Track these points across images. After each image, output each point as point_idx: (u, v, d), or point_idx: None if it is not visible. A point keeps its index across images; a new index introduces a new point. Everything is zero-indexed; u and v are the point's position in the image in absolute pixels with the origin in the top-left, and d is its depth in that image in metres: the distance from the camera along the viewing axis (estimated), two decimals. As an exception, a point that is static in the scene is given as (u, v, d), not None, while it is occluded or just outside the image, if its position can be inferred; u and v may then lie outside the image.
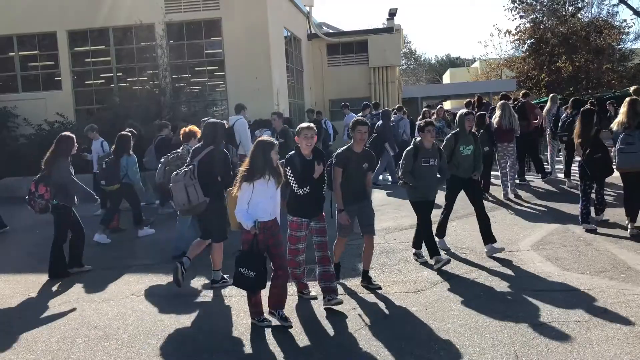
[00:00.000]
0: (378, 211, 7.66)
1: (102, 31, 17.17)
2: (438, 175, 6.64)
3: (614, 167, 7.42)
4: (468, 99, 14.36)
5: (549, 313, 4.79)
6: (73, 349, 4.67)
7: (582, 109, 8.23)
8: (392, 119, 13.58)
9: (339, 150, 5.79)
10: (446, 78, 47.35)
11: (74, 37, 17.47)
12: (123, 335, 4.90)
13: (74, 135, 7.30)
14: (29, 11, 16.85)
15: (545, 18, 30.56)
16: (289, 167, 5.21)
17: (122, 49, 17.22)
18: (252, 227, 4.80)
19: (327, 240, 5.45)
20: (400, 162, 6.57)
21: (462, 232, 7.94)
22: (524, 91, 13.37)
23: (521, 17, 30.82)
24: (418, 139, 6.54)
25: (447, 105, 34.18)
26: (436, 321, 4.77)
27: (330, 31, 26.11)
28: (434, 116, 14.02)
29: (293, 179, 5.19)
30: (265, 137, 4.76)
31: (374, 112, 14.65)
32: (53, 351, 4.65)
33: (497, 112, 10.74)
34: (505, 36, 32.44)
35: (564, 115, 11.01)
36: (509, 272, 6.04)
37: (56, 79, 17.64)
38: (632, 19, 69.82)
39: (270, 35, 16.65)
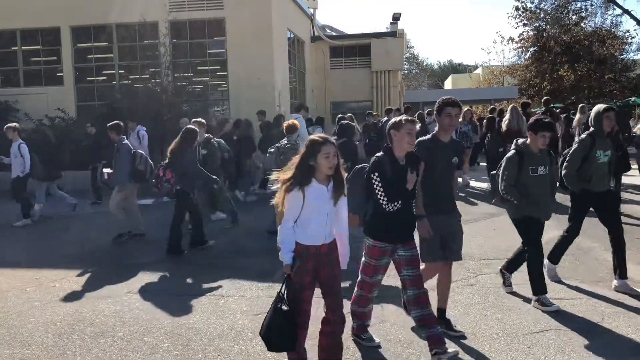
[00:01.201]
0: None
1: (106, 28, 17.20)
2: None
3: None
4: (492, 106, 14.23)
5: (546, 321, 4.78)
6: (69, 345, 4.65)
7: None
8: (427, 121, 13.89)
9: (418, 140, 4.38)
10: (448, 84, 47.41)
11: (77, 33, 17.49)
12: (119, 333, 4.89)
13: (197, 128, 8.10)
14: (33, 6, 16.87)
15: (548, 26, 30.62)
16: (376, 174, 4.03)
17: (125, 47, 17.24)
18: (286, 265, 3.67)
19: (422, 274, 4.26)
20: (499, 171, 5.22)
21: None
22: (523, 101, 13.46)
23: (524, 24, 30.90)
24: (521, 141, 5.23)
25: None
26: (433, 326, 4.75)
27: (334, 34, 26.15)
28: (460, 119, 13.70)
29: (381, 189, 4.01)
30: (321, 134, 3.81)
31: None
32: (49, 347, 4.64)
33: (507, 115, 11.27)
34: (508, 43, 32.48)
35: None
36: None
37: (58, 74, 17.66)
38: (635, 30, 69.75)
39: (273, 37, 16.67)
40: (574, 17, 30.75)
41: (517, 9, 30.49)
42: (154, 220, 9.63)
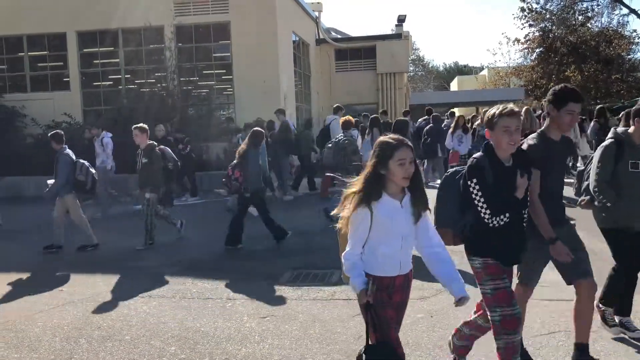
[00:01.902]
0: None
1: (112, 33, 17.26)
2: None
3: None
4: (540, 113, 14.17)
5: (555, 323, 4.74)
6: (76, 349, 4.65)
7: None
8: (445, 123, 14.42)
9: (527, 142, 3.61)
10: (454, 86, 47.33)
11: (83, 38, 17.59)
12: (126, 336, 4.89)
13: (263, 130, 8.52)
14: (39, 12, 16.97)
15: (554, 27, 30.49)
16: (474, 180, 3.25)
17: (131, 51, 17.31)
18: (360, 292, 2.93)
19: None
20: (590, 166, 4.32)
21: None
22: (526, 107, 13.43)
23: (530, 25, 30.77)
24: (621, 129, 4.32)
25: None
26: (441, 329, 4.73)
27: (339, 36, 26.17)
28: (477, 121, 13.55)
29: (482, 199, 3.23)
30: (393, 135, 3.05)
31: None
32: (56, 351, 4.64)
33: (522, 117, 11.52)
34: (514, 44, 32.34)
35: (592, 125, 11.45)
36: (515, 280, 5.97)
37: (64, 79, 17.75)
38: (642, 29, 69.63)
39: (278, 40, 16.69)
40: (580, 18, 30.63)
41: (522, 9, 30.40)
42: (159, 224, 9.64)
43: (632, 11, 29.52)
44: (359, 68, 23.80)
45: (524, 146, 3.55)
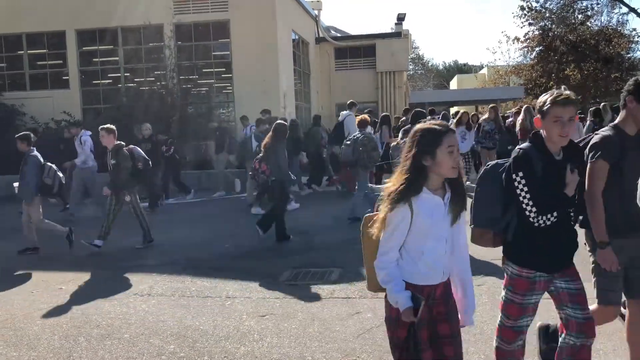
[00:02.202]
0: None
1: (111, 31, 17.26)
2: None
3: None
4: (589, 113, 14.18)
5: (554, 321, 4.73)
6: (75, 348, 4.65)
7: None
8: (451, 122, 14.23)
9: (601, 134, 3.29)
10: (453, 84, 47.34)
11: (82, 36, 17.58)
12: (125, 335, 4.89)
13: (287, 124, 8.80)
14: (38, 10, 16.96)
15: (554, 26, 30.51)
16: (520, 174, 2.90)
17: (130, 49, 17.30)
18: (406, 309, 2.53)
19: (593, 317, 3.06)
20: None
21: (467, 236, 7.87)
22: (526, 106, 13.66)
23: (530, 24, 30.80)
24: None
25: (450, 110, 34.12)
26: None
27: (338, 35, 26.16)
28: (484, 116, 13.37)
29: (528, 195, 2.87)
30: (434, 121, 2.72)
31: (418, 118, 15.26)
32: (55, 349, 4.64)
33: (521, 115, 12.29)
34: (513, 43, 32.45)
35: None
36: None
37: (64, 77, 17.74)
38: (641, 28, 69.63)
39: (278, 38, 16.68)
40: (579, 16, 30.65)
41: (522, 8, 30.42)
42: (157, 223, 9.64)
43: (632, 10, 29.53)
44: (358, 66, 23.80)
45: (596, 138, 3.25)
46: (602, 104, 14.56)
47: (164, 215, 10.93)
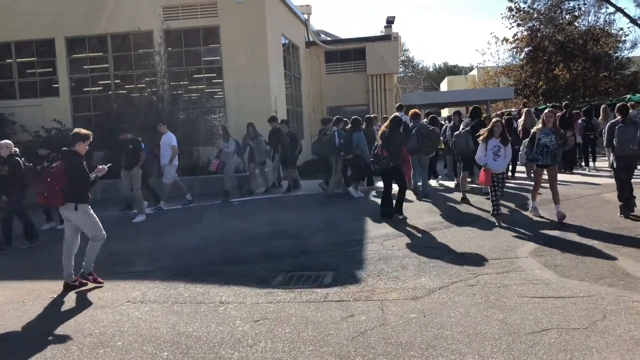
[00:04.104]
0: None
1: (100, 38, 17.22)
2: None
3: None
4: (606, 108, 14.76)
5: (548, 320, 4.75)
6: (67, 357, 4.61)
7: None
8: (465, 122, 14.91)
9: None
10: (444, 86, 47.50)
11: (72, 43, 17.51)
12: (118, 343, 4.85)
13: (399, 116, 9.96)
14: (27, 18, 16.89)
15: (542, 26, 30.72)
16: None
17: (120, 56, 17.26)
18: None
19: None
20: None
21: (460, 237, 7.91)
22: (527, 108, 14.43)
23: (518, 25, 31.01)
24: None
25: (445, 112, 34.22)
26: (434, 328, 4.73)
27: (328, 39, 26.22)
28: (540, 125, 13.54)
29: None
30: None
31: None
32: (47, 358, 4.60)
33: (523, 117, 13.54)
34: (502, 44, 32.64)
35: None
36: (508, 279, 6.00)
37: (54, 85, 17.66)
38: (628, 27, 69.35)
39: (268, 43, 16.69)
40: (567, 17, 30.87)
41: (510, 9, 30.61)
42: (149, 229, 9.62)
43: (618, 9, 29.80)
44: (349, 70, 23.86)
45: None
46: (602, 106, 15.33)
47: (153, 221, 10.88)
